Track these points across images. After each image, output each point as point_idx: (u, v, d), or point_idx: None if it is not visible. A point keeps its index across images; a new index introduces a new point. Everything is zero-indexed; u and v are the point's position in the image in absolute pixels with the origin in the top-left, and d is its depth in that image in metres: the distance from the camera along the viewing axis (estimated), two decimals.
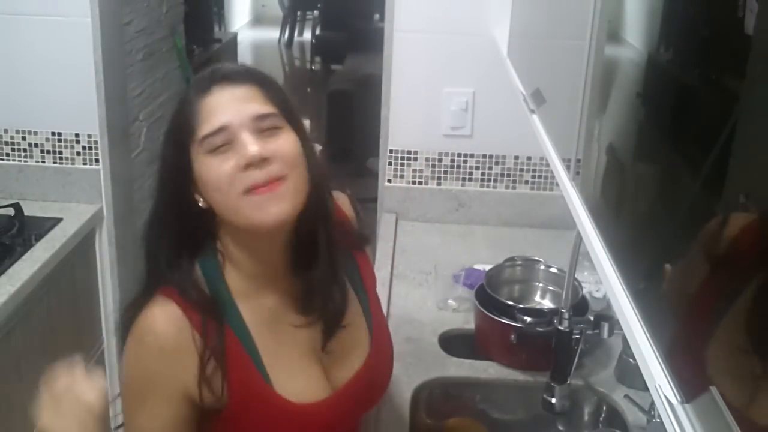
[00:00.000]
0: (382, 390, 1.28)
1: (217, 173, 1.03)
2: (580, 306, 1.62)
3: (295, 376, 1.13)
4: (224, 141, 1.03)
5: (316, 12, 8.77)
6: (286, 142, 1.06)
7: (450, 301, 1.87)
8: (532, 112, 1.50)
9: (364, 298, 1.25)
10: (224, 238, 1.12)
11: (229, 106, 1.04)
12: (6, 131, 2.26)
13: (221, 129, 1.03)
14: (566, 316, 1.43)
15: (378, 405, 1.41)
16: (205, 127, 1.04)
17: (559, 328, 1.43)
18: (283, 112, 1.08)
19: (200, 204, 1.08)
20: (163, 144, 1.11)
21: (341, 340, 1.18)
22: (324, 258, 1.13)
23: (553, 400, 1.45)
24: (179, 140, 1.07)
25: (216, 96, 1.05)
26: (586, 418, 1.60)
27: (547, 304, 1.79)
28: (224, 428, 1.11)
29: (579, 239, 1.30)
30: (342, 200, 1.28)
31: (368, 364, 1.21)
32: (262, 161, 1.02)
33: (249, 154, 1.02)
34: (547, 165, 1.74)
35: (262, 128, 1.05)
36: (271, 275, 1.13)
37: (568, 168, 1.22)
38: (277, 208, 1.04)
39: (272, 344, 1.12)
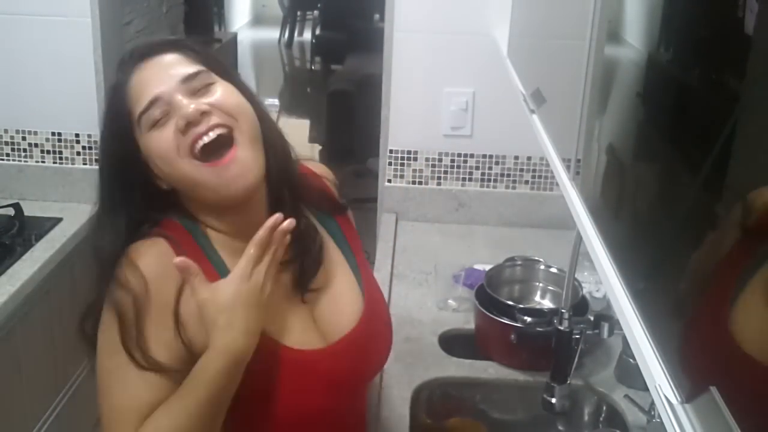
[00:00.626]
0: (382, 353, 1.25)
1: (161, 143, 1.02)
2: (580, 306, 1.62)
3: (286, 324, 1.11)
4: (162, 113, 1.02)
5: (316, 12, 8.77)
6: (222, 93, 1.04)
7: (450, 301, 1.87)
8: (532, 112, 1.50)
9: (351, 258, 1.23)
10: (196, 210, 1.11)
11: (155, 78, 1.03)
12: (6, 131, 2.26)
13: (154, 100, 1.02)
14: (566, 316, 1.43)
15: (381, 373, 1.38)
16: (139, 105, 1.03)
17: (559, 328, 1.43)
18: (212, 69, 1.06)
19: (164, 187, 1.07)
20: (106, 139, 1.09)
21: (333, 299, 1.17)
22: (300, 209, 1.15)
23: (553, 400, 1.45)
24: (120, 128, 1.05)
25: (140, 73, 1.05)
26: (586, 418, 1.60)
27: (547, 304, 1.79)
28: None
29: (579, 239, 1.30)
30: (321, 169, 1.28)
31: (363, 322, 1.18)
32: (200, 116, 1.01)
33: (184, 113, 1.00)
34: (547, 165, 1.74)
35: (195, 88, 1.04)
36: (250, 231, 1.07)
37: (568, 168, 1.22)
38: (237, 170, 1.02)
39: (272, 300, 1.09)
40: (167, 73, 1.04)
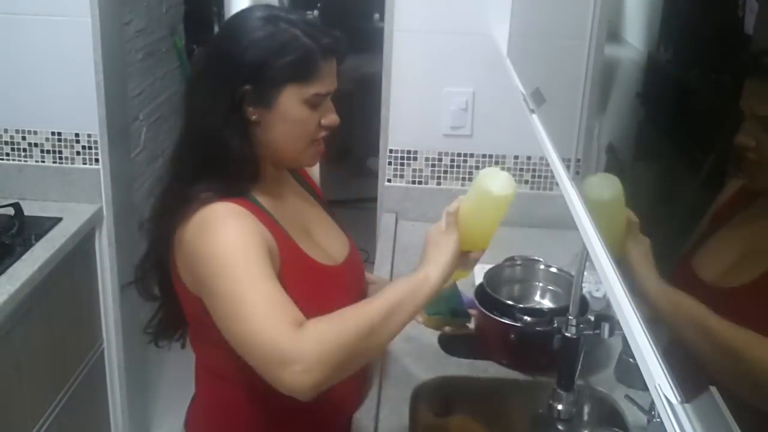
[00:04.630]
0: (363, 281, 1.51)
1: (308, 122, 1.28)
2: (580, 306, 1.62)
3: (314, 248, 1.36)
4: (321, 101, 1.28)
5: (316, 12, 8.76)
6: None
7: None
8: (532, 111, 1.50)
9: (316, 198, 1.49)
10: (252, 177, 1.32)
11: (333, 76, 1.29)
12: (6, 131, 2.26)
13: (327, 94, 1.29)
14: (573, 322, 1.43)
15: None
16: (321, 87, 1.27)
17: (566, 334, 1.43)
18: None
19: (253, 118, 1.26)
20: (279, 67, 1.23)
21: (326, 229, 1.44)
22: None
23: (560, 407, 1.45)
24: (295, 74, 1.24)
25: (331, 64, 1.29)
26: (586, 418, 1.59)
27: (547, 304, 1.79)
28: None
29: (586, 250, 1.30)
30: None
31: (353, 250, 1.46)
32: None
33: (335, 122, 1.31)
34: (547, 165, 1.73)
35: None
36: (283, 184, 1.40)
37: (568, 168, 1.22)
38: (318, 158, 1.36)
39: (293, 230, 1.33)
40: (335, 78, 1.31)
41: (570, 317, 1.43)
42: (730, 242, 0.68)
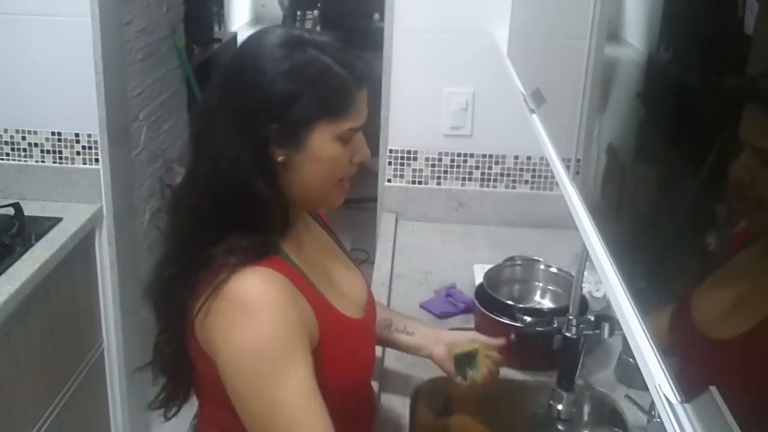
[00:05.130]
0: (375, 319, 1.40)
1: (340, 160, 1.15)
2: (580, 306, 1.62)
3: (342, 300, 1.24)
4: (353, 136, 1.16)
5: (316, 12, 8.76)
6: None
7: None
8: (532, 112, 1.50)
9: (331, 236, 1.38)
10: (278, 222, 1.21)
11: (365, 108, 1.17)
12: (6, 131, 2.26)
13: (360, 128, 1.16)
14: (573, 322, 1.43)
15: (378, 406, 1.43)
16: (355, 121, 1.14)
17: (567, 335, 1.43)
18: None
19: (279, 159, 1.11)
20: (305, 100, 1.09)
21: (346, 273, 1.32)
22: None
23: (560, 407, 1.45)
24: (328, 109, 1.11)
25: (364, 93, 1.16)
26: (586, 418, 1.59)
27: (547, 304, 1.79)
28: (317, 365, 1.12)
29: (586, 250, 1.30)
30: None
31: (370, 293, 1.36)
32: None
33: (368, 158, 1.20)
34: (547, 165, 1.74)
35: None
36: (301, 223, 1.25)
37: (568, 168, 1.22)
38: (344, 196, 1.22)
39: (322, 283, 1.21)
40: (366, 109, 1.17)
41: (570, 317, 1.44)
42: (726, 285, 0.66)
